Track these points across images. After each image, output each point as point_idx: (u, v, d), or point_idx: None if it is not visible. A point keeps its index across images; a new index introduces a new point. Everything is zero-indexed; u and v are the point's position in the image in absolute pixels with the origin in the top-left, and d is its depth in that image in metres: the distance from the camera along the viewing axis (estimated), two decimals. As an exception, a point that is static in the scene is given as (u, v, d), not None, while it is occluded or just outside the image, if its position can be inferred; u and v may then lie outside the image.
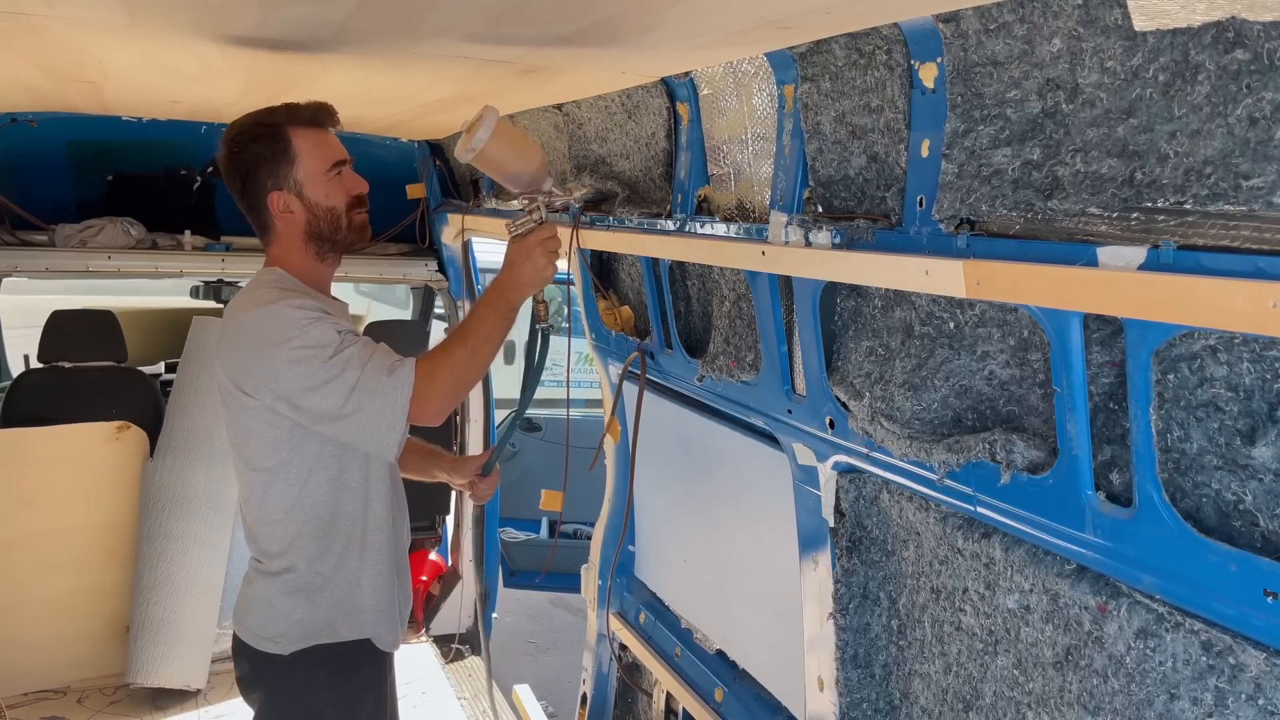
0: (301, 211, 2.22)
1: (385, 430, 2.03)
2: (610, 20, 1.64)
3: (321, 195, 2.23)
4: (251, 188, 2.22)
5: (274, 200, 2.21)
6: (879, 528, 1.91)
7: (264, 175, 2.20)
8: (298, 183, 2.21)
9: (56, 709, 3.88)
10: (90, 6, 1.77)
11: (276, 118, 2.22)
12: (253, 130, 2.21)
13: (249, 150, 2.20)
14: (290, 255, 2.26)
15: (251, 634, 2.24)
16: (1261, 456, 1.15)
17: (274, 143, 2.20)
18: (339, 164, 2.25)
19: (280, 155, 2.19)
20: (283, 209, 2.21)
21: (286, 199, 2.21)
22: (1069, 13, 1.27)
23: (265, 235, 2.28)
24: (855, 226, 1.71)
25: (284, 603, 2.20)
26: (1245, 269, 1.07)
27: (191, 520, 3.99)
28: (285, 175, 2.20)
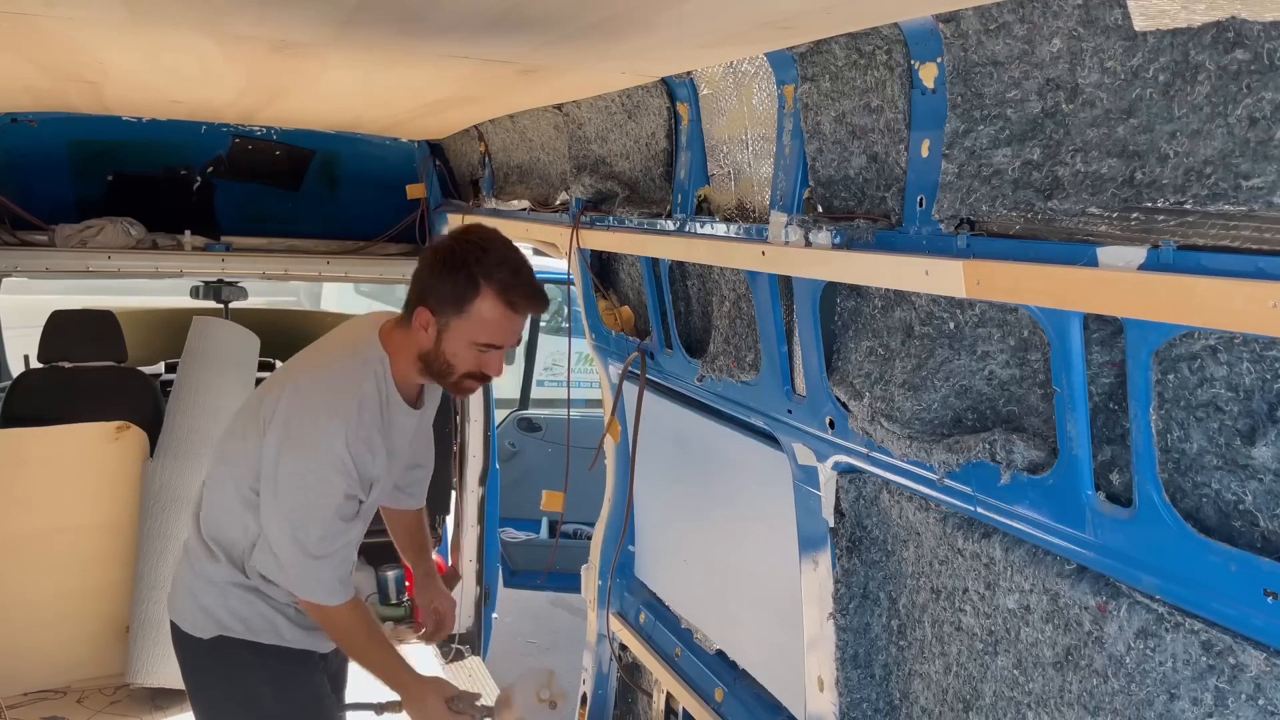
0: (430, 343, 2.26)
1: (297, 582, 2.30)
2: (610, 20, 1.64)
3: (453, 352, 2.26)
4: (423, 288, 2.26)
5: (422, 314, 2.24)
6: (879, 528, 1.91)
7: (434, 297, 2.23)
8: (448, 325, 2.23)
9: (56, 709, 3.88)
10: (90, 6, 1.77)
11: (489, 273, 2.19)
12: (463, 264, 2.21)
13: (443, 273, 2.22)
14: (403, 349, 2.32)
15: (192, 621, 2.42)
16: (1261, 456, 1.15)
17: (465, 288, 2.20)
18: (495, 347, 2.27)
19: (457, 301, 2.21)
20: (422, 324, 2.25)
21: (430, 322, 2.24)
22: (1069, 13, 1.27)
23: (404, 320, 2.32)
24: (855, 226, 1.71)
25: (224, 601, 2.40)
26: (1245, 269, 1.07)
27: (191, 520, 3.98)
28: (447, 313, 2.22)
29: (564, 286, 4.10)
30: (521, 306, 2.23)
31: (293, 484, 2.23)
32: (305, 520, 2.24)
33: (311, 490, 2.23)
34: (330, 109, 3.29)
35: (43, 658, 3.96)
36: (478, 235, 2.28)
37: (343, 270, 4.50)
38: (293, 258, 4.39)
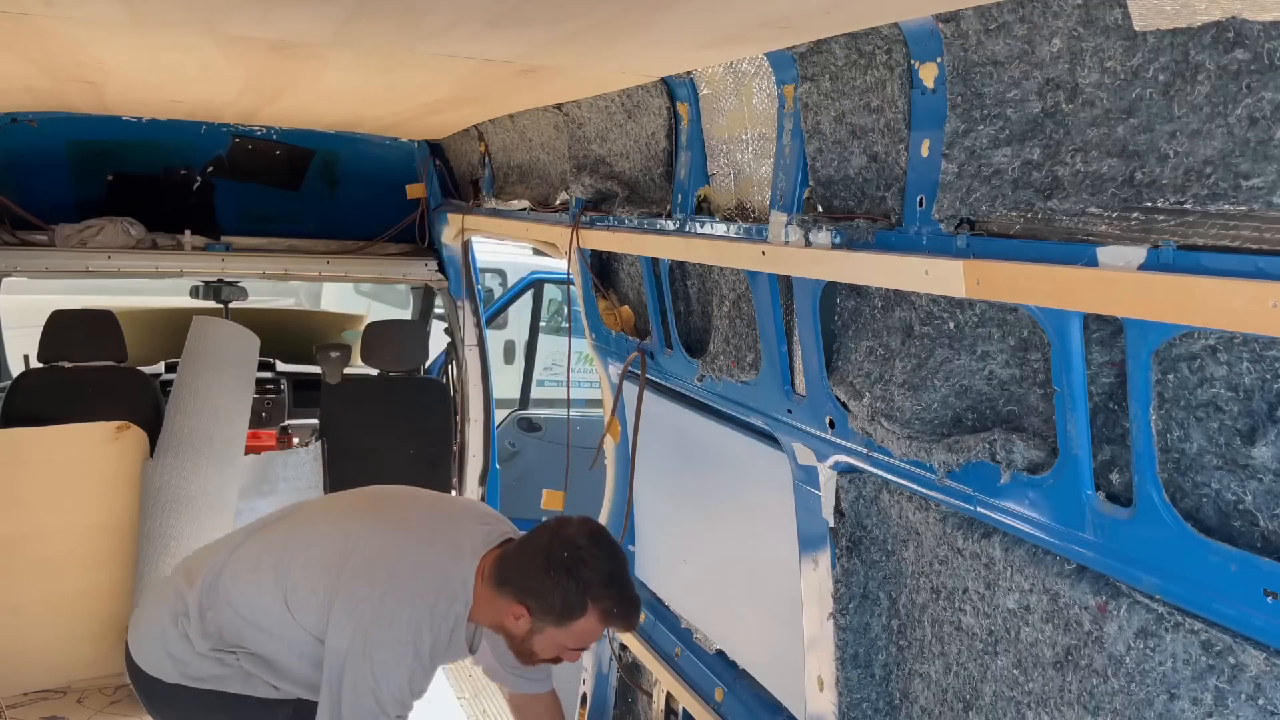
0: (519, 632, 2.31)
1: None
2: (610, 20, 1.64)
3: (541, 647, 2.33)
4: (525, 585, 2.27)
5: (517, 609, 2.28)
6: (879, 528, 1.91)
7: (536, 600, 2.26)
8: (541, 630, 2.29)
9: (56, 709, 3.87)
10: (90, 6, 1.77)
11: (598, 596, 2.25)
12: (573, 582, 2.24)
13: (554, 581, 2.24)
14: (487, 608, 2.34)
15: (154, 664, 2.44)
16: (1261, 456, 1.15)
17: (572, 606, 2.24)
18: (583, 648, 2.37)
19: (560, 613, 2.26)
20: (515, 615, 2.29)
21: (525, 618, 2.28)
22: (1069, 13, 1.27)
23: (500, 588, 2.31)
24: (855, 226, 1.71)
25: (199, 662, 2.40)
26: (1245, 269, 1.07)
27: (191, 520, 3.98)
28: (545, 620, 2.27)
29: (564, 286, 4.09)
30: (621, 626, 2.35)
31: (354, 695, 2.24)
32: (361, 690, 2.25)
33: (367, 708, 2.25)
34: (330, 109, 3.29)
35: (43, 658, 3.95)
36: (587, 540, 2.31)
37: (343, 270, 4.50)
38: (293, 258, 4.39)
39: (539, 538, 2.32)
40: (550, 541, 2.29)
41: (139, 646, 2.46)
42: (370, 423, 4.53)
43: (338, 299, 9.80)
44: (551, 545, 2.28)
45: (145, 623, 2.49)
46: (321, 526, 2.49)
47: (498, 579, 2.31)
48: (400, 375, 4.62)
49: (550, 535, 2.31)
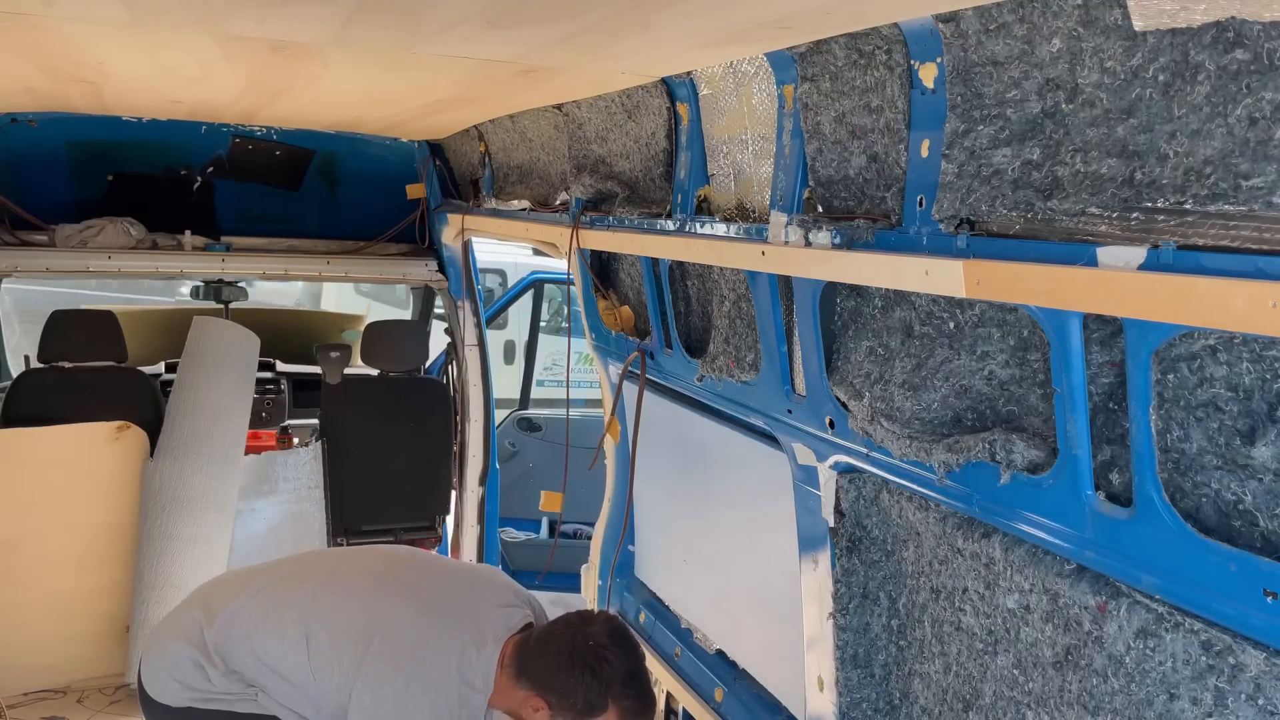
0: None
1: None
2: (610, 20, 1.64)
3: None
4: (547, 678, 2.28)
5: (536, 701, 2.29)
6: (879, 528, 1.91)
7: (557, 695, 2.27)
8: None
9: (56, 709, 3.87)
10: (90, 6, 1.77)
11: (619, 695, 2.27)
12: (605, 676, 2.25)
13: (579, 679, 2.25)
14: (503, 695, 2.34)
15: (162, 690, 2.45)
16: (1261, 456, 1.15)
17: (594, 703, 2.26)
18: None
19: (580, 713, 2.27)
20: (534, 708, 2.30)
21: (542, 711, 2.29)
22: (1069, 13, 1.27)
23: (516, 672, 2.33)
24: (855, 226, 1.71)
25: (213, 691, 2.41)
26: (1245, 269, 1.07)
27: (191, 520, 3.98)
28: (561, 716, 2.29)
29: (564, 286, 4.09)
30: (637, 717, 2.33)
31: None
32: None
33: None
34: (330, 109, 3.29)
35: (43, 658, 3.95)
36: (609, 639, 2.32)
37: (343, 270, 4.50)
38: (293, 258, 4.39)
39: (562, 632, 2.34)
40: (574, 638, 2.31)
41: (151, 673, 2.47)
42: (370, 423, 4.53)
43: (338, 299, 9.81)
44: (575, 641, 2.30)
45: (161, 652, 2.48)
46: (349, 590, 2.50)
47: (518, 669, 2.33)
48: (400, 375, 4.62)
49: (574, 632, 2.33)
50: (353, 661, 2.32)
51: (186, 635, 2.45)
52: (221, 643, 2.40)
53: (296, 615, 2.40)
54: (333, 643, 2.35)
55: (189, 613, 2.51)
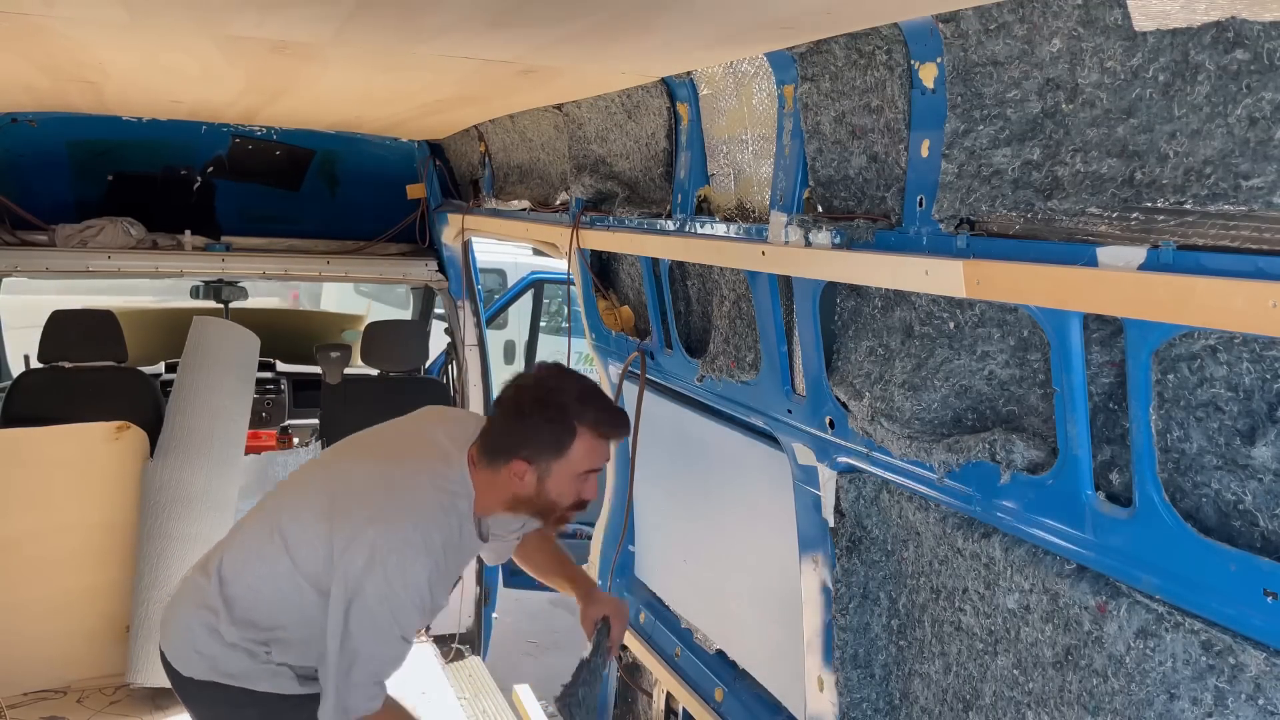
0: (529, 489, 2.25)
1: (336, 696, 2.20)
2: (610, 20, 1.64)
3: (558, 491, 2.26)
4: (510, 441, 2.25)
5: (518, 465, 2.23)
6: (879, 528, 1.91)
7: (530, 448, 2.22)
8: (549, 470, 2.23)
9: (56, 709, 3.87)
10: (90, 6, 1.77)
11: (579, 413, 2.22)
12: (551, 406, 2.22)
13: (533, 420, 2.23)
14: (489, 491, 2.29)
15: (186, 662, 2.40)
16: (1261, 456, 1.15)
17: (561, 434, 2.21)
18: (593, 471, 2.29)
19: (554, 445, 2.22)
20: (518, 474, 2.24)
21: (527, 473, 2.23)
22: (1069, 13, 1.27)
23: (492, 462, 2.27)
24: (855, 226, 1.71)
25: (229, 656, 2.36)
26: (1245, 269, 1.07)
27: (191, 520, 3.98)
28: (546, 460, 2.22)
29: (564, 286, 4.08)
30: (614, 434, 2.29)
31: (370, 615, 2.18)
32: (372, 653, 2.21)
33: (384, 627, 2.19)
34: (330, 109, 3.29)
35: (43, 658, 3.95)
36: (549, 375, 2.31)
37: (343, 270, 4.50)
38: (293, 258, 4.39)
39: (508, 401, 2.31)
40: (517, 396, 2.29)
41: (171, 646, 2.45)
42: (370, 423, 4.51)
43: (338, 299, 9.81)
44: (519, 398, 2.28)
45: (174, 622, 2.46)
46: (307, 481, 2.46)
47: (488, 456, 2.28)
48: (400, 375, 4.62)
49: (515, 392, 2.31)
50: (326, 531, 2.25)
51: (192, 598, 2.42)
52: (223, 592, 2.36)
53: (269, 527, 2.37)
54: (304, 530, 2.29)
55: (190, 579, 2.49)
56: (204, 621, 2.36)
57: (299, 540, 2.28)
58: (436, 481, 2.27)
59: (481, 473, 2.30)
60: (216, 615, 2.35)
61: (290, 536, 2.30)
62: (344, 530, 2.21)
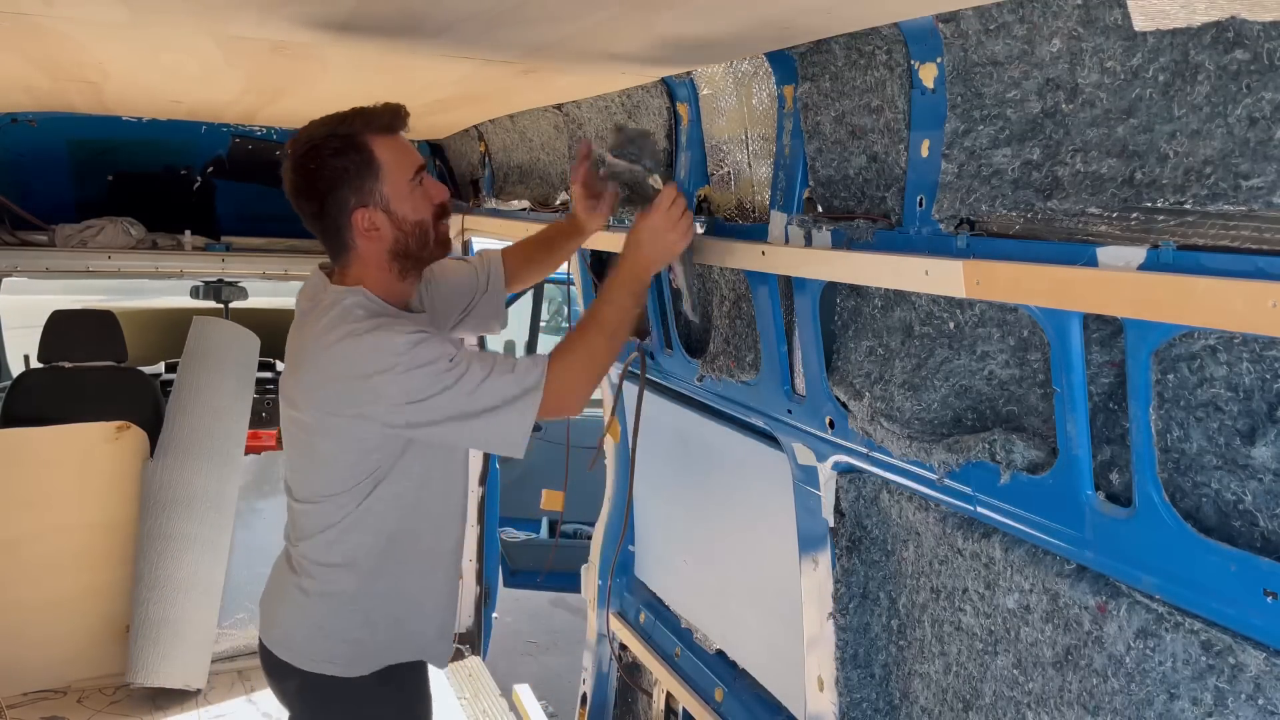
0: (389, 229, 2.02)
1: (515, 428, 1.92)
2: (610, 20, 1.64)
3: (409, 209, 2.03)
4: (333, 207, 2.00)
5: (359, 219, 2.00)
6: (879, 528, 1.91)
7: (348, 192, 1.99)
8: (384, 197, 2.00)
9: (56, 709, 3.88)
10: (90, 6, 1.77)
11: (352, 126, 2.00)
12: (329, 143, 1.99)
13: (330, 165, 1.98)
14: (370, 274, 2.05)
15: (302, 655, 2.14)
16: (1261, 456, 1.15)
17: (355, 154, 1.98)
18: (419, 171, 2.06)
19: (364, 168, 1.98)
20: (368, 227, 2.01)
21: (373, 216, 2.00)
22: (1069, 13, 1.27)
23: (342, 255, 2.07)
24: (855, 226, 1.71)
25: (337, 624, 2.11)
26: (1245, 269, 1.07)
27: (191, 520, 3.99)
28: (371, 190, 1.99)
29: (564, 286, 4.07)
30: (397, 124, 2.05)
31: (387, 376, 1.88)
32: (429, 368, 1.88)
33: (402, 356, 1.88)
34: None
35: (43, 658, 3.96)
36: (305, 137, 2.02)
37: None
38: (293, 258, 4.40)
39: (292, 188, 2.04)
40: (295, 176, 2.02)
41: (298, 642, 2.17)
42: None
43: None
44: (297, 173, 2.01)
45: (287, 619, 2.18)
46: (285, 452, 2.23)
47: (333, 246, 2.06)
48: (400, 375, 4.61)
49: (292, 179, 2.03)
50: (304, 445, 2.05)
51: (279, 584, 2.21)
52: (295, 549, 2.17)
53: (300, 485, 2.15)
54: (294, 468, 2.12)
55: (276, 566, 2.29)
56: (308, 594, 2.14)
57: (304, 482, 2.11)
58: (346, 321, 1.96)
59: (349, 273, 2.06)
60: (298, 573, 2.14)
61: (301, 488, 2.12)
62: (314, 409, 1.99)
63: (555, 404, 1.96)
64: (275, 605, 2.22)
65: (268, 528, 4.31)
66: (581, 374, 2.00)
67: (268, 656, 2.21)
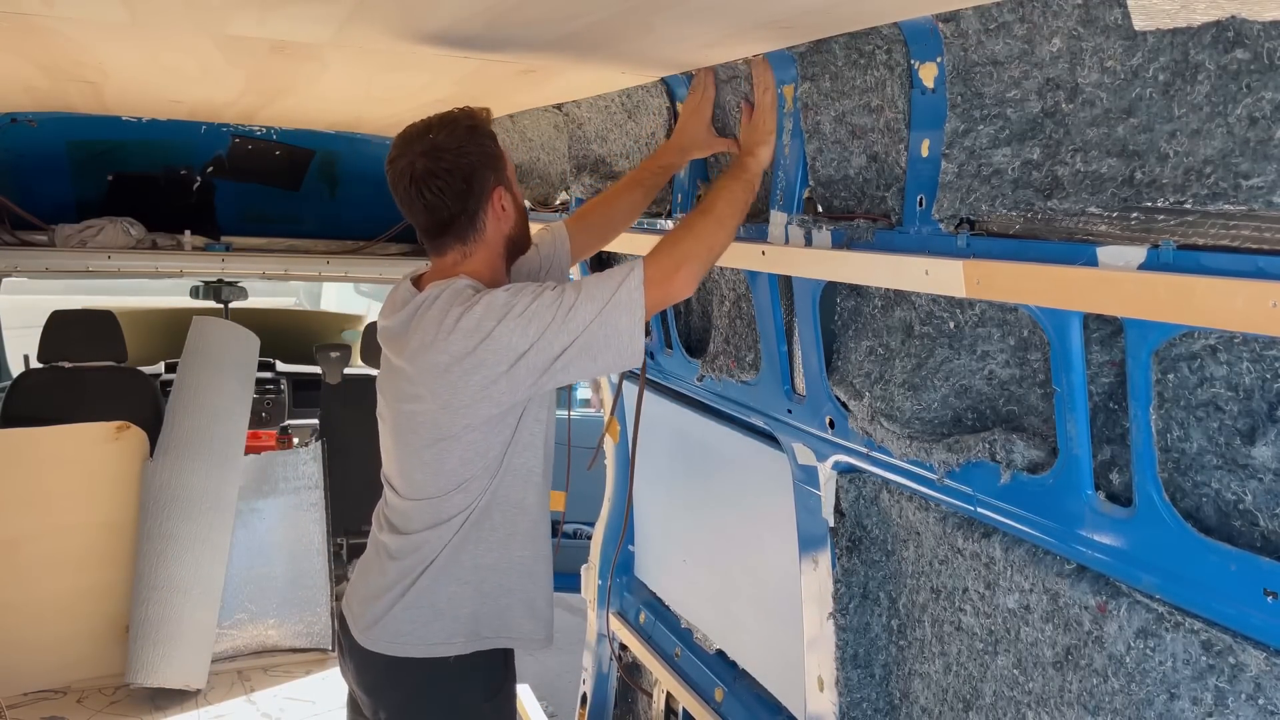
0: (513, 210, 2.08)
1: (625, 327, 1.85)
2: (610, 20, 1.64)
3: (519, 195, 2.12)
4: (478, 185, 2.02)
5: (497, 197, 2.03)
6: (879, 528, 1.91)
7: (488, 171, 2.02)
8: (509, 181, 2.07)
9: (56, 709, 3.87)
10: (90, 6, 1.77)
11: (472, 116, 2.04)
12: (459, 126, 2.02)
13: (474, 146, 2.01)
14: (485, 269, 2.07)
15: (411, 643, 2.08)
16: (1261, 456, 1.15)
17: (490, 139, 2.05)
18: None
19: (496, 152, 2.05)
20: (500, 208, 2.05)
21: (504, 196, 2.05)
22: (1069, 13, 1.27)
23: (471, 239, 2.06)
24: (855, 226, 1.71)
25: (445, 600, 2.08)
26: (1245, 269, 1.07)
27: (191, 520, 3.99)
28: (502, 172, 2.05)
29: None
30: (491, 117, 2.13)
31: (504, 324, 1.87)
32: (538, 307, 1.87)
33: (514, 304, 1.89)
34: (330, 109, 3.29)
35: (43, 658, 3.96)
36: (438, 125, 2.04)
37: (343, 270, 4.50)
38: (293, 258, 4.39)
39: (432, 170, 2.02)
40: (425, 184, 2.03)
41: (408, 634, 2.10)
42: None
43: (338, 299, 9.81)
44: (431, 177, 2.01)
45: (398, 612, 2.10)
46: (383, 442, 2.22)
47: (462, 241, 2.06)
48: (400, 375, 4.61)
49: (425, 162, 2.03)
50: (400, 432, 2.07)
51: (376, 569, 2.16)
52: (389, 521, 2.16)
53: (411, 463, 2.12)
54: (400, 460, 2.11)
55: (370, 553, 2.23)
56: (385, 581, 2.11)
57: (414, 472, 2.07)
58: (458, 297, 1.97)
59: (470, 264, 2.06)
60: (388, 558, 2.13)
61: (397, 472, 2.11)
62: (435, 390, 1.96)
63: (662, 288, 1.87)
64: (378, 604, 2.12)
65: (268, 528, 4.31)
66: (687, 254, 1.90)
67: (372, 661, 2.12)
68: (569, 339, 1.86)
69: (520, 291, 1.91)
